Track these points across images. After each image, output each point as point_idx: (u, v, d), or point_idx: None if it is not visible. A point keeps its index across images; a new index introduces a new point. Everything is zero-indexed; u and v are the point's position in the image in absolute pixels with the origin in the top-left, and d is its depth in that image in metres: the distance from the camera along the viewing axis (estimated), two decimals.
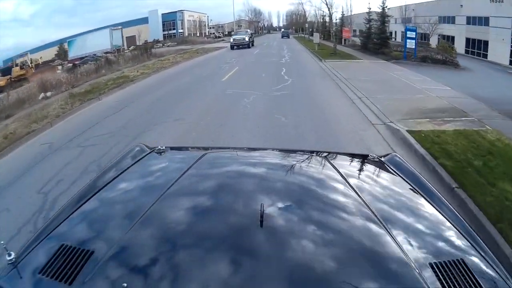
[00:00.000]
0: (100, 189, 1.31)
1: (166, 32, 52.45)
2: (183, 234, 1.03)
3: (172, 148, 1.89)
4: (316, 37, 24.23)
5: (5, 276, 0.92)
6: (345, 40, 28.89)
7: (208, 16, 66.93)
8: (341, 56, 17.54)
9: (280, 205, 1.15)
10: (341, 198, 1.21)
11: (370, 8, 21.20)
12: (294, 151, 2.03)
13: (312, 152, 1.81)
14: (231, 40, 26.62)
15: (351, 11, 21.67)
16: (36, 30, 33.67)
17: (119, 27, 32.49)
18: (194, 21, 57.09)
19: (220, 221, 1.08)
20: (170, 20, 53.36)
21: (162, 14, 52.19)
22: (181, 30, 55.47)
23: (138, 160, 1.58)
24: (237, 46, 25.36)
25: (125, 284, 0.79)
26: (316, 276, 0.87)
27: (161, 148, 1.73)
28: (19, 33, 29.91)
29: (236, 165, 1.62)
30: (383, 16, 19.41)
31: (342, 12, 31.47)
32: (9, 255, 0.95)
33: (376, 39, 19.38)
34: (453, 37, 21.78)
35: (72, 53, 32.36)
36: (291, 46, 29.89)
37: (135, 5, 46.32)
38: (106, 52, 27.85)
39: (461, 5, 21.80)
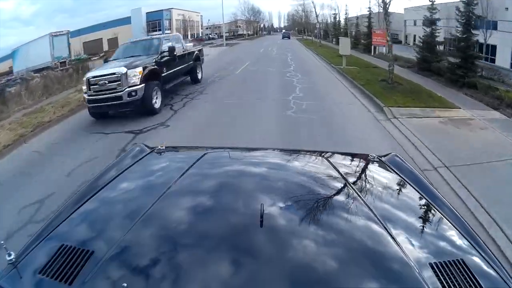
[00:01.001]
0: (100, 189, 1.29)
1: (151, 34, 45.54)
2: (183, 234, 1.03)
3: (172, 148, 1.89)
4: (345, 46, 14.17)
5: (5, 276, 0.91)
6: (374, 47, 20.95)
7: (202, 16, 58.78)
8: (412, 93, 8.55)
9: (280, 205, 1.14)
10: (341, 198, 1.20)
11: (434, 1, 12.92)
12: (294, 151, 1.99)
13: (312, 152, 1.80)
14: (83, 86, 6.95)
15: (387, 3, 12.93)
16: (38, 29, 35.70)
17: (65, 31, 24.01)
18: (185, 20, 49.63)
19: (220, 221, 1.08)
20: (155, 20, 46.15)
21: (146, 13, 45.05)
22: (168, 31, 48.29)
23: (138, 160, 1.55)
24: (101, 107, 6.80)
25: (125, 284, 0.78)
26: (316, 276, 0.86)
27: (161, 148, 1.71)
28: (21, 32, 29.76)
29: (236, 165, 1.60)
30: (469, 17, 10.69)
31: (370, 8, 23.36)
32: (9, 255, 0.94)
33: (453, 55, 11.06)
34: (493, 46, 13.97)
35: (16, 67, 24.69)
36: (300, 56, 20.57)
37: (136, 4, 41.74)
38: (47, 67, 20.20)
39: (506, 8, 14.69)
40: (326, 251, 0.95)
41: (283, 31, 61.06)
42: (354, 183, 1.28)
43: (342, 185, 1.27)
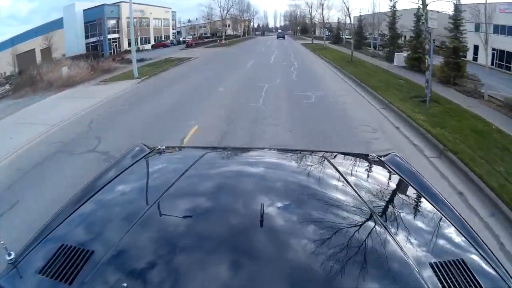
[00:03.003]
0: (100, 189, 1.29)
1: (91, 40, 30.79)
2: (183, 234, 1.03)
3: (172, 148, 1.94)
4: None
5: (5, 276, 0.92)
6: None
7: (175, 12, 42.71)
8: None
9: (280, 205, 1.15)
10: (341, 198, 1.21)
11: None
12: (294, 151, 1.99)
13: (312, 151, 1.80)
14: None
15: None
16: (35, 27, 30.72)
17: None
18: (145, 18, 34.34)
19: (220, 221, 1.08)
20: (94, 20, 30.71)
21: (84, 10, 30.15)
22: (115, 35, 32.73)
23: (138, 160, 1.56)
24: None
25: (125, 284, 0.79)
26: (316, 275, 0.87)
27: (161, 148, 1.72)
28: (18, 30, 27.46)
29: (236, 165, 1.62)
30: None
31: None
32: (9, 255, 0.95)
33: None
34: None
35: None
36: None
37: None
38: None
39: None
40: (326, 251, 0.95)
41: (279, 31, 56.40)
42: (354, 183, 1.29)
43: (342, 185, 1.28)
